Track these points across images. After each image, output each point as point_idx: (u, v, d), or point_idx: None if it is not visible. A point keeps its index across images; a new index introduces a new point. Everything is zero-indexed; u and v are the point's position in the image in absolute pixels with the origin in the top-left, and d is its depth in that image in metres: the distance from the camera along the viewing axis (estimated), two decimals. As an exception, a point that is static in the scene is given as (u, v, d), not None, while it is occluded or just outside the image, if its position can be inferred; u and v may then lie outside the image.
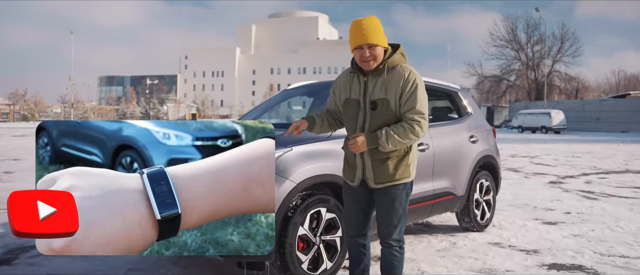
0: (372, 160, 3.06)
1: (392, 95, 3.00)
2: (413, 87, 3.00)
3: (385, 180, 3.05)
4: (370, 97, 3.05)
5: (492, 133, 6.31)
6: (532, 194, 8.91)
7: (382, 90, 3.02)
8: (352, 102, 3.12)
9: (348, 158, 3.23)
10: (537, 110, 44.67)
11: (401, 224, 3.15)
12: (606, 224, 6.36)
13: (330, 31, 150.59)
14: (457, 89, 6.16)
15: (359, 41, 2.97)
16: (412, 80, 3.01)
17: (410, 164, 3.12)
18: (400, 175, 3.06)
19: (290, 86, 5.81)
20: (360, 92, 3.10)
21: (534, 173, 12.48)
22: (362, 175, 3.13)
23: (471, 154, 5.64)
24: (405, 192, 3.12)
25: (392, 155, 3.04)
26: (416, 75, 3.07)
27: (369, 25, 2.99)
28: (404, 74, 3.02)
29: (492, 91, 69.90)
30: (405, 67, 3.07)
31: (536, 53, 68.62)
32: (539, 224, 6.40)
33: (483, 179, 5.91)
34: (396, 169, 3.05)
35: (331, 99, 3.34)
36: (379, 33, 3.00)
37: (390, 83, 3.01)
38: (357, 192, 3.20)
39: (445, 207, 5.32)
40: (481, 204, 5.92)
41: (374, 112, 3.03)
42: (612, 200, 8.28)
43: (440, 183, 5.15)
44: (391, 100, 3.00)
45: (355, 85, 3.14)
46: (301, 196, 3.81)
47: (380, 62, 3.04)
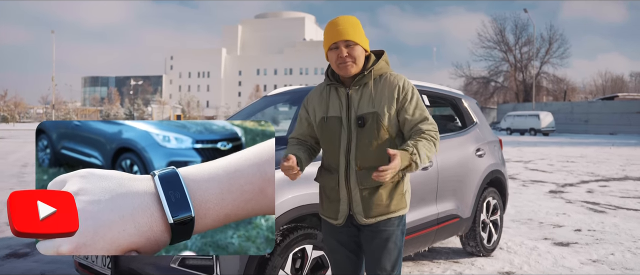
0: (361, 189, 2.47)
1: (384, 108, 2.44)
2: (415, 96, 2.50)
3: (377, 214, 2.47)
4: (355, 112, 2.48)
5: (498, 144, 5.63)
6: (534, 206, 8.29)
7: (371, 102, 2.46)
8: (332, 120, 2.53)
9: (327, 190, 2.60)
10: (526, 112, 44.30)
11: (397, 269, 2.54)
12: (624, 245, 5.72)
13: (316, 32, 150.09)
14: (461, 95, 5.48)
15: (334, 38, 2.43)
16: (410, 88, 2.50)
17: (405, 192, 2.54)
18: (396, 206, 2.50)
19: (270, 93, 5.09)
20: (342, 107, 2.52)
21: (532, 180, 11.90)
22: (348, 209, 2.52)
23: (478, 170, 4.96)
24: (400, 229, 2.54)
25: (385, 182, 2.46)
26: (410, 83, 2.54)
27: (346, 21, 2.46)
28: (398, 83, 2.49)
29: (480, 93, 69.55)
30: (397, 75, 2.54)
31: (524, 54, 68.56)
32: (550, 245, 5.74)
33: (490, 197, 5.23)
34: (390, 198, 2.48)
35: (301, 122, 2.69)
36: (358, 31, 2.47)
37: (380, 94, 2.47)
38: (343, 231, 2.59)
39: (450, 232, 4.62)
40: (488, 225, 5.24)
41: (361, 130, 2.46)
42: (621, 214, 7.66)
43: (444, 205, 4.45)
44: (383, 114, 2.44)
45: (334, 99, 2.56)
46: (282, 232, 3.09)
47: (361, 68, 2.50)
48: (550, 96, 68.20)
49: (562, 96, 65.80)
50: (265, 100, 5.00)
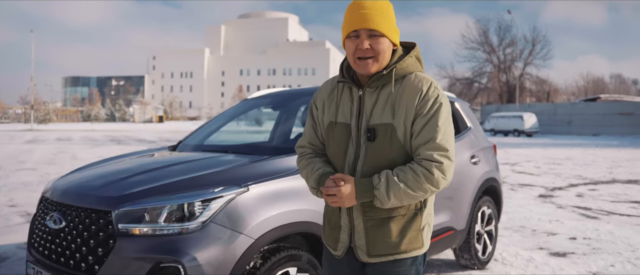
0: (365, 219, 1.98)
1: (402, 119, 1.92)
2: (435, 109, 1.91)
3: (384, 253, 1.98)
4: (367, 120, 1.98)
5: (493, 150, 5.34)
6: (525, 212, 8.03)
7: (387, 110, 1.95)
8: (339, 127, 2.04)
9: (328, 213, 2.14)
10: (510, 113, 44.31)
11: None
12: (623, 256, 5.46)
13: (300, 32, 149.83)
14: (454, 98, 5.18)
15: (356, 24, 1.90)
16: (434, 97, 1.92)
17: (423, 228, 2.03)
18: (409, 245, 1.99)
19: (251, 95, 4.74)
20: (352, 113, 2.02)
21: (520, 184, 11.67)
22: (349, 241, 2.05)
23: (473, 178, 4.65)
24: (415, 269, 2.03)
25: (396, 213, 1.97)
26: (440, 90, 1.96)
27: (374, 5, 1.91)
28: (421, 87, 1.93)
29: (464, 94, 69.65)
30: (424, 77, 1.98)
31: (508, 55, 68.79)
32: (546, 255, 5.46)
33: (485, 206, 4.94)
34: (402, 235, 1.97)
35: (310, 122, 2.19)
36: (388, 19, 1.93)
37: (399, 100, 1.94)
38: (342, 264, 2.12)
39: (444, 245, 4.31)
40: (482, 236, 4.94)
41: (371, 145, 1.96)
42: (614, 220, 7.43)
43: (439, 217, 4.14)
44: (399, 126, 1.92)
45: (346, 101, 2.05)
46: (262, 254, 2.74)
47: (385, 65, 1.97)
48: (533, 97, 68.54)
49: (545, 97, 66.16)
50: (247, 104, 4.65)
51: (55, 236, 2.82)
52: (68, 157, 17.87)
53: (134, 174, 3.08)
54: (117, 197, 2.72)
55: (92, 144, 26.55)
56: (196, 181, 2.83)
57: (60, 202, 2.94)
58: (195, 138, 4.40)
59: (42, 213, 3.08)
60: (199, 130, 4.55)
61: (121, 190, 2.78)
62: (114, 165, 3.57)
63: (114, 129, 53.75)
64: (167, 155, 3.84)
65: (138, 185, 2.82)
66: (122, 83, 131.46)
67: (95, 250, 2.62)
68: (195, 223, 2.58)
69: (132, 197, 2.70)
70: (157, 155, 3.94)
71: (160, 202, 2.62)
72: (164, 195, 2.68)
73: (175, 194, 2.67)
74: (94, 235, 2.65)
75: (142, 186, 2.80)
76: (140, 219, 2.60)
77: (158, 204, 2.61)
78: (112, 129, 55.34)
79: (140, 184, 2.84)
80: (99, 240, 2.63)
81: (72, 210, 2.82)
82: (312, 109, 2.19)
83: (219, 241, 2.56)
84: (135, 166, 3.38)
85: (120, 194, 2.74)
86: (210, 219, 2.60)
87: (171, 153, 4.00)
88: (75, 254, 2.69)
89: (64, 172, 12.84)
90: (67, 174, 3.63)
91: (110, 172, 3.26)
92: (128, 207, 2.64)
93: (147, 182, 2.86)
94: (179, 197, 2.64)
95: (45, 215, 3.01)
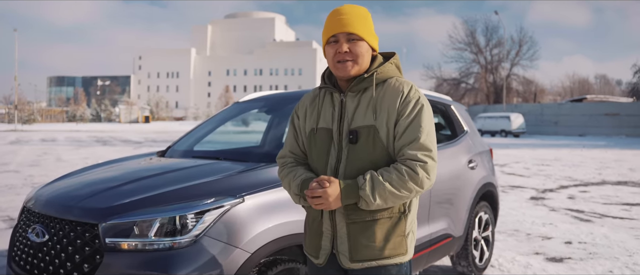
0: (348, 223, 1.97)
1: (384, 120, 1.96)
2: (417, 110, 1.96)
3: (367, 258, 1.96)
4: (348, 124, 2.00)
5: (489, 154, 5.23)
6: (518, 215, 7.95)
7: (369, 113, 1.98)
8: (321, 132, 2.06)
9: (309, 220, 2.13)
10: (497, 114, 44.42)
11: None
12: (621, 261, 5.38)
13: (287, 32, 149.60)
14: (450, 101, 5.06)
15: (335, 29, 1.97)
16: (416, 99, 1.97)
17: (408, 234, 2.01)
18: (393, 250, 1.97)
19: (242, 99, 4.58)
20: (334, 118, 2.05)
21: (511, 186, 11.61)
22: (330, 246, 2.03)
23: (470, 183, 4.54)
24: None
25: (380, 215, 1.95)
26: (420, 93, 2.01)
27: (352, 10, 2.00)
28: (402, 90, 1.99)
29: (451, 94, 69.75)
30: (404, 81, 2.03)
31: (494, 56, 68.99)
32: (543, 261, 5.37)
33: (482, 211, 4.83)
34: (386, 239, 1.96)
35: (292, 132, 2.22)
36: (366, 24, 2.01)
37: (381, 102, 1.98)
38: (325, 273, 2.09)
39: (442, 253, 4.19)
40: (480, 242, 4.84)
41: (353, 148, 1.97)
42: (608, 223, 7.37)
43: (437, 225, 4.02)
44: (381, 128, 1.95)
45: (327, 107, 2.08)
46: (259, 269, 2.60)
47: (365, 69, 2.02)
48: (520, 98, 68.82)
49: (532, 98, 66.48)
50: (238, 107, 4.50)
51: (38, 250, 2.64)
52: (52, 158, 17.57)
53: (122, 184, 2.90)
54: (104, 208, 2.55)
55: (77, 145, 26.19)
56: (188, 191, 2.66)
57: (43, 213, 2.75)
58: (185, 143, 4.23)
59: (24, 225, 2.87)
60: (188, 135, 4.38)
61: (108, 202, 2.61)
62: (100, 173, 3.40)
63: (99, 130, 53.24)
64: (156, 162, 3.67)
65: (126, 196, 2.65)
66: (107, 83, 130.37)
67: (80, 266, 2.45)
68: (187, 237, 2.42)
69: (120, 209, 2.53)
70: (145, 162, 3.77)
71: (150, 215, 2.46)
72: (154, 207, 2.52)
73: (166, 206, 2.51)
74: (79, 249, 2.48)
75: (130, 197, 2.63)
76: (129, 232, 2.44)
77: (148, 217, 2.45)
78: (97, 129, 54.83)
79: (129, 195, 2.67)
80: (85, 256, 2.45)
81: (56, 223, 2.64)
82: (294, 119, 2.22)
83: (213, 256, 2.40)
84: (123, 174, 3.21)
85: (107, 205, 2.57)
86: (203, 232, 2.44)
87: (160, 159, 3.82)
88: (59, 269, 2.52)
89: (48, 174, 12.60)
90: (50, 182, 3.44)
91: (96, 181, 3.08)
92: (116, 220, 2.47)
93: (135, 193, 2.69)
94: (170, 209, 2.48)
95: (27, 227, 2.81)
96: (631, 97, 62.37)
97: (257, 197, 2.64)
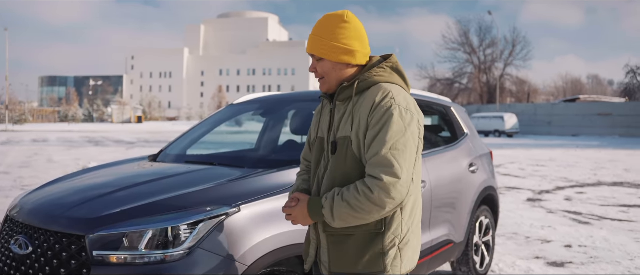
0: (327, 235, 1.97)
1: (356, 130, 1.91)
2: (384, 120, 1.84)
3: (343, 271, 1.93)
4: (334, 134, 2.00)
5: (490, 157, 5.12)
6: (516, 218, 7.85)
7: (348, 123, 1.94)
8: (318, 141, 2.11)
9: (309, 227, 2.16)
10: (490, 114, 44.41)
11: None
12: (623, 265, 5.29)
13: (280, 32, 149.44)
14: (449, 102, 4.94)
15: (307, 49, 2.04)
16: (386, 107, 1.85)
17: (388, 251, 1.89)
18: (367, 267, 1.90)
19: (237, 101, 4.43)
20: (327, 127, 2.06)
21: (507, 187, 11.54)
22: (315, 255, 2.07)
23: (472, 188, 4.42)
24: None
25: (353, 231, 1.90)
26: (395, 98, 1.87)
27: (319, 27, 2.00)
28: (374, 98, 1.89)
29: (445, 94, 69.76)
30: (382, 87, 1.93)
31: (488, 56, 69.02)
32: (544, 266, 5.26)
33: (483, 216, 4.72)
34: (361, 255, 1.90)
35: (307, 141, 2.28)
36: (330, 42, 1.95)
37: (357, 111, 1.93)
38: None
39: (443, 259, 4.08)
40: (480, 247, 4.72)
41: (333, 158, 1.97)
42: (607, 226, 7.28)
43: (438, 231, 3.90)
44: (354, 139, 1.91)
45: (325, 116, 2.11)
46: (257, 282, 2.45)
47: (337, 84, 2.00)
48: (513, 98, 68.90)
49: (526, 98, 66.57)
50: (232, 109, 4.36)
51: (21, 263, 2.46)
52: (43, 159, 17.35)
53: (111, 192, 2.74)
54: (91, 219, 2.40)
55: (69, 145, 25.95)
56: (181, 200, 2.51)
57: (27, 223, 2.59)
58: (178, 147, 4.08)
59: (7, 235, 2.68)
60: (181, 138, 4.23)
61: (96, 212, 2.46)
62: (88, 180, 3.24)
63: (91, 130, 52.91)
64: (148, 168, 3.52)
65: (115, 206, 2.49)
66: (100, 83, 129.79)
67: (66, 280, 2.30)
68: (180, 249, 2.27)
69: (108, 219, 2.38)
70: (136, 167, 3.61)
71: (141, 226, 2.30)
72: (145, 217, 2.36)
73: (158, 216, 2.35)
74: (65, 263, 2.32)
75: (119, 207, 2.48)
76: (118, 244, 2.28)
77: (138, 228, 2.30)
78: (89, 129, 54.48)
79: (118, 204, 2.51)
80: (71, 270, 2.29)
81: (40, 234, 2.47)
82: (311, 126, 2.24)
83: (207, 269, 2.24)
84: (112, 181, 3.05)
85: (94, 216, 2.42)
86: (197, 244, 2.28)
87: (152, 164, 3.67)
88: (43, 283, 2.36)
89: (39, 175, 12.41)
90: (35, 189, 3.27)
91: (83, 189, 2.92)
92: (104, 231, 2.32)
93: (125, 202, 2.53)
94: (161, 219, 2.33)
95: (10, 238, 2.62)
96: (624, 97, 62.56)
97: (254, 206, 2.50)
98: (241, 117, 4.42)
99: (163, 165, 3.57)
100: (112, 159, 17.01)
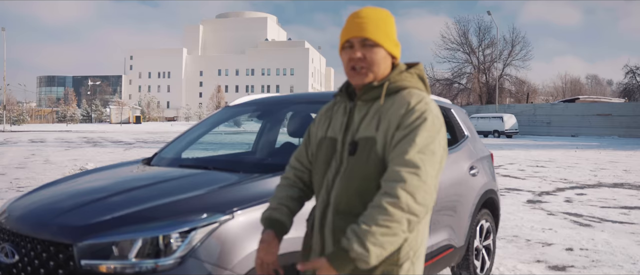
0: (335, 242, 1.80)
1: (383, 132, 1.77)
2: (417, 122, 1.73)
3: None
4: (353, 135, 1.83)
5: (490, 159, 5.05)
6: (516, 220, 7.78)
7: (373, 123, 1.80)
8: (327, 142, 1.91)
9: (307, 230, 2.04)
10: (490, 114, 44.41)
11: None
12: (625, 268, 5.22)
13: (278, 32, 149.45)
14: (449, 104, 4.87)
15: (350, 33, 1.82)
16: (421, 111, 1.74)
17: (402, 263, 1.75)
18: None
19: (233, 102, 4.35)
20: (342, 127, 1.88)
21: (506, 188, 11.46)
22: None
23: (472, 191, 4.35)
24: None
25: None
26: (430, 106, 1.77)
27: (371, 13, 1.83)
28: (409, 100, 1.78)
29: (444, 94, 69.61)
30: (415, 92, 1.82)
31: (487, 56, 68.86)
32: (545, 269, 5.19)
33: (483, 220, 4.64)
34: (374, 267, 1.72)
35: (305, 137, 2.08)
36: (385, 29, 1.82)
37: (386, 113, 1.79)
38: None
39: (443, 265, 4.00)
40: (481, 251, 4.64)
41: (351, 159, 1.81)
42: (608, 228, 7.21)
43: (439, 235, 3.82)
44: (380, 139, 1.77)
45: (339, 115, 1.93)
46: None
47: (381, 78, 1.84)
48: (512, 98, 68.81)
49: (525, 98, 66.49)
50: (229, 111, 4.27)
51: (7, 272, 2.38)
52: (41, 160, 17.26)
53: (101, 198, 2.66)
54: (79, 227, 2.31)
55: (66, 146, 25.86)
56: (173, 207, 2.43)
57: (14, 231, 2.50)
58: (172, 149, 3.99)
59: None
60: (176, 141, 4.14)
61: (84, 219, 2.37)
62: (78, 185, 3.15)
63: (90, 130, 52.83)
64: (141, 172, 3.43)
65: (105, 213, 2.41)
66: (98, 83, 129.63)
67: (53, 291, 2.22)
68: (172, 258, 2.19)
69: (97, 227, 2.29)
70: (129, 171, 3.53)
71: (131, 234, 2.22)
72: (136, 224, 2.28)
73: (149, 224, 2.27)
74: (52, 272, 2.24)
75: (109, 214, 2.39)
76: (107, 253, 2.20)
77: (128, 236, 2.22)
78: (88, 129, 54.39)
79: (107, 211, 2.43)
80: (58, 280, 2.22)
81: (27, 242, 2.39)
82: (311, 125, 2.07)
83: None
84: (103, 187, 2.97)
85: (83, 223, 2.33)
86: (189, 253, 2.20)
87: (145, 168, 3.58)
88: (30, 294, 2.28)
89: (35, 176, 12.32)
90: (24, 195, 3.18)
91: (73, 195, 2.84)
92: (92, 240, 2.23)
93: (115, 209, 2.45)
94: (152, 227, 2.25)
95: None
96: (623, 97, 62.56)
97: (249, 213, 2.41)
98: (239, 117, 4.34)
99: (157, 169, 3.49)
100: (110, 160, 16.95)
